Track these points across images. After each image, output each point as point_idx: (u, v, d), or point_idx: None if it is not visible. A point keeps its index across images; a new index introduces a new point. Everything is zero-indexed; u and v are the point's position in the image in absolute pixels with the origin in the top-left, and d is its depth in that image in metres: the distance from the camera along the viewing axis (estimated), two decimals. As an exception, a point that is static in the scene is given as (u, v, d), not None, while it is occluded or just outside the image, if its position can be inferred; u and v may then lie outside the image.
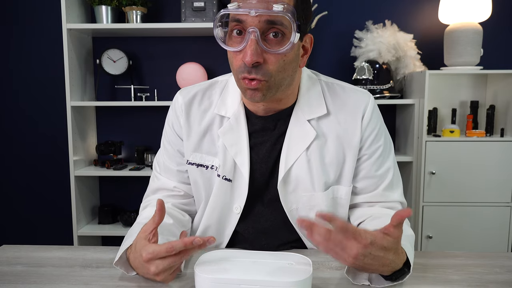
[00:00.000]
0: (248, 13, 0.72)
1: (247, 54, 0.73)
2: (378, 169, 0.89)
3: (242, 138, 0.87)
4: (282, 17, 0.73)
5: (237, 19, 0.74)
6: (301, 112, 0.87)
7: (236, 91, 0.90)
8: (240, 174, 0.88)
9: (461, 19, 1.95)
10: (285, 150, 0.86)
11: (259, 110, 0.87)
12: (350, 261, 0.63)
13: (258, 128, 0.88)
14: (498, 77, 2.11)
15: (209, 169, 0.90)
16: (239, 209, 0.89)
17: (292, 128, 0.87)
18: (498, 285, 0.71)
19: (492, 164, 1.95)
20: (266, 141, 0.88)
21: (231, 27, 0.77)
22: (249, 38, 0.73)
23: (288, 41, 0.75)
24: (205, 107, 0.91)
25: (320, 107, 0.88)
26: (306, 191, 0.87)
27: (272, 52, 0.74)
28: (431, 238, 1.99)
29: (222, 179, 0.88)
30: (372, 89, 2.05)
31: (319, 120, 0.88)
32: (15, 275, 0.74)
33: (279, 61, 0.76)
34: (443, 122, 2.23)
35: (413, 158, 2.01)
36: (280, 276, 0.62)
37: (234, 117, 0.88)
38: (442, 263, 0.80)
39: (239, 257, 0.69)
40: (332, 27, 2.22)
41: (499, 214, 1.97)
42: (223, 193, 0.89)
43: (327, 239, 0.61)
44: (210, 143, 0.90)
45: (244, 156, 0.87)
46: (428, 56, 2.18)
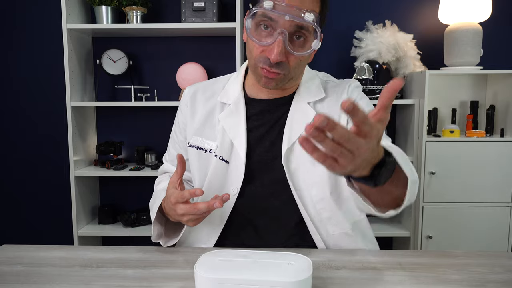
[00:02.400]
0: (283, 16, 0.79)
1: (273, 53, 0.81)
2: None
3: (241, 121, 0.94)
4: (310, 25, 0.81)
5: (269, 17, 0.81)
6: (301, 96, 0.95)
7: (237, 82, 0.99)
8: (237, 155, 0.93)
9: (461, 19, 1.95)
10: (288, 129, 0.92)
11: (263, 94, 0.96)
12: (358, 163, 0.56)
13: (257, 111, 0.96)
14: (498, 77, 2.11)
15: (207, 152, 0.96)
16: (236, 191, 0.92)
17: (294, 110, 0.94)
18: (498, 285, 0.71)
19: (492, 164, 1.95)
20: (264, 124, 0.95)
21: (259, 20, 0.83)
22: (278, 38, 0.81)
23: (309, 43, 0.84)
24: (208, 96, 1.01)
25: (319, 93, 0.96)
26: (308, 169, 0.91)
27: (295, 54, 0.83)
28: (431, 238, 1.99)
29: (219, 159, 0.93)
30: (372, 89, 2.05)
31: (317, 103, 0.96)
32: (15, 275, 0.75)
33: (297, 61, 0.86)
34: (443, 122, 2.23)
35: (413, 158, 2.01)
36: (280, 276, 0.62)
37: (234, 104, 0.96)
38: (442, 263, 0.80)
39: (239, 257, 0.69)
40: (332, 27, 2.22)
41: (499, 214, 1.97)
42: (220, 174, 0.93)
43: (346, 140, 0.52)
44: (210, 128, 0.97)
45: (241, 138, 0.93)
46: (428, 56, 2.18)
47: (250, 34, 0.85)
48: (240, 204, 0.93)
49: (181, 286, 0.71)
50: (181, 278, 0.73)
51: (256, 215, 0.93)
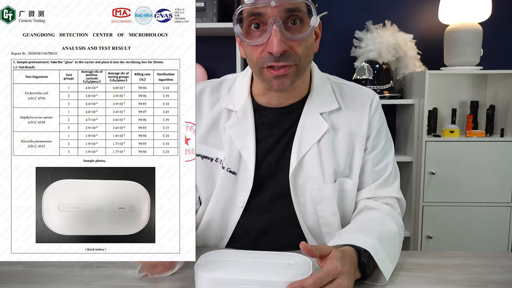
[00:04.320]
0: (268, 4, 0.73)
1: (274, 44, 0.74)
2: (377, 164, 0.91)
3: (249, 131, 0.88)
4: (300, 3, 0.76)
5: (255, 13, 0.76)
6: (314, 105, 0.89)
7: (244, 85, 0.92)
8: (245, 167, 0.88)
9: (461, 19, 1.95)
10: (297, 140, 0.87)
11: (273, 102, 0.89)
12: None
13: (266, 120, 0.90)
14: (498, 77, 2.11)
15: (213, 161, 0.91)
16: (243, 203, 0.89)
17: (305, 119, 0.88)
18: (498, 285, 0.71)
19: (492, 164, 1.95)
20: (274, 134, 0.89)
21: (248, 22, 0.78)
22: (272, 29, 0.74)
23: (307, 26, 0.78)
24: (213, 100, 0.93)
25: (332, 102, 0.90)
26: (316, 183, 0.87)
27: (296, 39, 0.76)
28: (431, 238, 1.99)
29: (227, 172, 0.88)
30: (372, 89, 2.04)
31: (331, 114, 0.89)
32: (15, 275, 0.74)
33: (302, 46, 0.78)
34: (443, 122, 2.23)
35: (413, 158, 2.01)
36: (280, 276, 0.62)
37: (242, 111, 0.90)
38: (442, 263, 0.80)
39: (239, 257, 0.69)
40: (332, 27, 2.22)
41: (499, 214, 1.97)
42: (227, 186, 0.89)
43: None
44: (216, 136, 0.91)
45: (250, 149, 0.88)
46: (428, 56, 2.18)
47: (244, 38, 0.79)
48: (244, 216, 0.90)
49: (181, 286, 0.71)
50: (181, 278, 0.73)
51: (258, 226, 0.90)
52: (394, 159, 0.94)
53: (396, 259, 0.77)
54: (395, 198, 0.92)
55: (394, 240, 0.79)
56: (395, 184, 0.93)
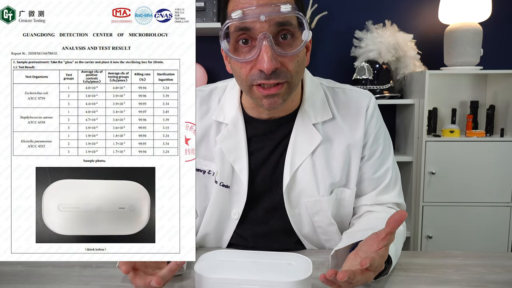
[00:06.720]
0: (258, 18, 0.69)
1: (264, 61, 0.69)
2: (376, 171, 0.90)
3: (241, 143, 0.86)
4: (291, 17, 0.71)
5: (243, 28, 0.71)
6: (307, 115, 0.86)
7: (234, 96, 0.88)
8: (238, 180, 0.86)
9: (461, 19, 1.95)
10: (290, 153, 0.85)
11: (263, 115, 0.86)
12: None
13: (258, 132, 0.87)
14: (498, 77, 2.11)
15: (206, 174, 0.89)
16: (237, 215, 0.88)
17: (297, 131, 0.85)
18: (498, 285, 0.71)
19: (492, 164, 1.95)
20: (266, 146, 0.87)
21: (235, 37, 0.73)
22: (262, 44, 0.69)
23: (298, 40, 0.73)
24: (203, 112, 0.90)
25: (325, 112, 0.87)
26: (311, 196, 0.86)
27: (288, 54, 0.72)
28: (431, 238, 1.99)
29: (220, 186, 0.87)
30: (372, 89, 2.05)
31: (324, 124, 0.87)
32: (15, 275, 0.75)
33: (294, 62, 0.74)
34: (443, 122, 2.23)
35: (413, 158, 2.01)
36: (280, 276, 0.62)
37: (232, 123, 0.87)
38: (442, 263, 0.80)
39: (239, 257, 0.69)
40: (332, 27, 2.22)
41: (499, 214, 1.97)
42: (221, 199, 0.88)
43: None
44: (207, 149, 0.89)
45: (242, 162, 0.86)
46: (428, 56, 2.18)
47: (231, 55, 0.74)
48: (240, 228, 0.89)
49: (181, 286, 0.71)
50: (181, 278, 0.73)
51: (254, 236, 0.89)
52: (394, 163, 0.93)
53: (398, 257, 0.78)
54: (395, 203, 0.92)
55: (399, 238, 0.79)
56: (395, 189, 0.92)
